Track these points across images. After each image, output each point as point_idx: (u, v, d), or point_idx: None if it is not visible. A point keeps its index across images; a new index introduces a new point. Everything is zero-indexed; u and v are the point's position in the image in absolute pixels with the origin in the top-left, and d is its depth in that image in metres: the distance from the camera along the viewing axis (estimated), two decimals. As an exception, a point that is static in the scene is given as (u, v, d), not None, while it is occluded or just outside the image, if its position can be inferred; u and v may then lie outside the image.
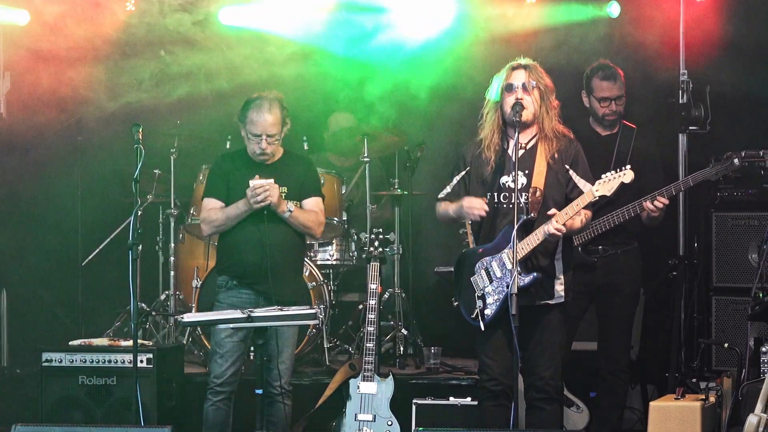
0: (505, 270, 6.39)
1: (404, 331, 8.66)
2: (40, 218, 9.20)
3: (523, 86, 6.47)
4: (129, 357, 7.19)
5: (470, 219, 6.59)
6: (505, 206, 6.47)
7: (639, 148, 7.43)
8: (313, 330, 8.31)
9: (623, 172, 6.35)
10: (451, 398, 7.37)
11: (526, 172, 6.47)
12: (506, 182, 6.49)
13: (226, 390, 6.94)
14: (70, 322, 9.17)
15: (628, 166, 6.42)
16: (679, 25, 8.30)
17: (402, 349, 8.61)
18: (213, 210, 7.01)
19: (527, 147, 6.53)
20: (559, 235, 6.33)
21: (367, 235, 7.94)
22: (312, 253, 8.72)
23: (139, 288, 8.48)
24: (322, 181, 7.70)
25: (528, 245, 6.35)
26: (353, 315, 8.90)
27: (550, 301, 6.49)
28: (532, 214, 6.39)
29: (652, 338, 8.18)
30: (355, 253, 8.89)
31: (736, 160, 7.32)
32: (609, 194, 6.37)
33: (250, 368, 7.37)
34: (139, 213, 6.87)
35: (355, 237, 8.91)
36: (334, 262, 8.94)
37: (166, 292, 9.01)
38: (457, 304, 6.67)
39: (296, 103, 7.67)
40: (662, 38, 8.33)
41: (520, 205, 6.37)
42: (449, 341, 8.55)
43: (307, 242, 7.62)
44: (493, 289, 6.43)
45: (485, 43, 8.54)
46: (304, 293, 7.34)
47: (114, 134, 8.80)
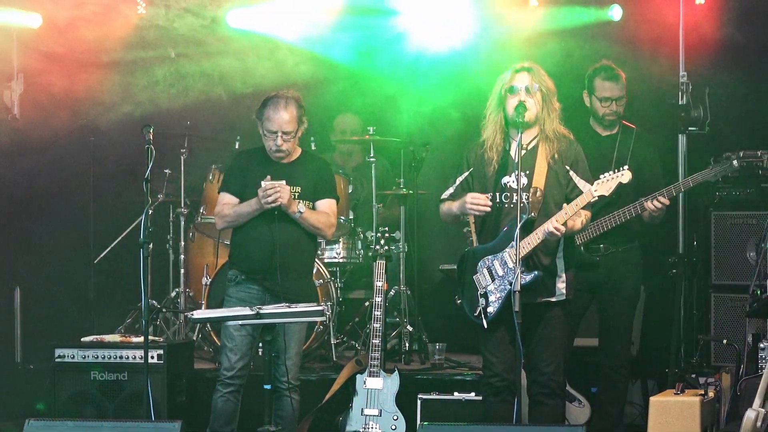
0: (506, 268, 6.43)
1: (409, 328, 8.65)
2: (54, 217, 9.23)
3: (526, 89, 6.51)
4: (140, 353, 7.21)
5: (474, 214, 6.59)
6: (507, 206, 6.50)
7: (639, 149, 7.46)
8: (321, 326, 8.34)
9: (621, 172, 6.39)
10: (456, 393, 7.43)
11: (527, 172, 6.49)
12: (508, 182, 6.52)
13: (236, 383, 7.02)
14: (82, 318, 9.18)
15: (626, 167, 6.47)
16: (679, 28, 8.36)
17: (407, 345, 8.59)
18: (227, 205, 7.10)
19: (528, 148, 6.56)
20: (558, 234, 6.35)
21: (374, 234, 7.90)
22: (319, 251, 8.65)
23: (150, 285, 8.41)
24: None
25: (528, 244, 6.39)
26: (359, 312, 8.91)
27: (551, 299, 6.52)
28: (532, 214, 6.41)
29: (652, 335, 8.19)
30: (362, 251, 8.90)
31: (735, 161, 7.36)
32: (607, 194, 6.41)
33: (258, 364, 7.37)
34: (150, 212, 6.88)
35: (362, 235, 8.94)
36: (341, 260, 8.93)
37: (177, 290, 9.06)
38: (459, 302, 6.70)
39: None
40: (662, 40, 8.38)
41: (522, 205, 6.39)
42: (454, 337, 8.56)
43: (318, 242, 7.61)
44: (496, 287, 6.47)
45: (488, 45, 8.58)
46: (312, 292, 7.33)
47: (125, 135, 8.79)
